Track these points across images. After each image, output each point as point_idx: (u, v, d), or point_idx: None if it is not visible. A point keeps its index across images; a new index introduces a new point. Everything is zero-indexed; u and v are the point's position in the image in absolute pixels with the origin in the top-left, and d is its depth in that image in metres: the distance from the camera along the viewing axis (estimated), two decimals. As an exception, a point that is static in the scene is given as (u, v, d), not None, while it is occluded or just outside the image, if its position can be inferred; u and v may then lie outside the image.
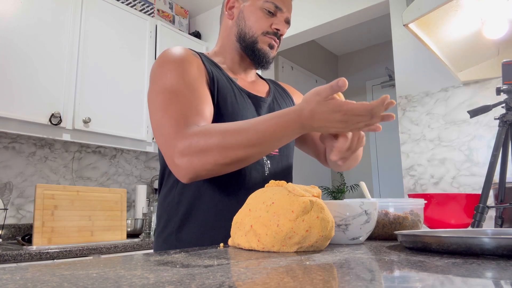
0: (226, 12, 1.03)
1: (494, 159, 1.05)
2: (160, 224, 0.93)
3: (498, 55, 1.52)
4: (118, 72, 2.32)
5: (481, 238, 0.48)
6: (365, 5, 2.21)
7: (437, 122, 1.84)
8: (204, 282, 0.33)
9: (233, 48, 1.01)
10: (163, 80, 0.83)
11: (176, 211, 0.90)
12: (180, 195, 0.90)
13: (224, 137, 0.73)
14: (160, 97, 0.81)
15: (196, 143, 0.73)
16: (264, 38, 0.98)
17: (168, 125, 0.76)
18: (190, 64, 0.87)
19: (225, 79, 0.94)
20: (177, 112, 0.78)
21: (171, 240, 0.89)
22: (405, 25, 1.20)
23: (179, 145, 0.74)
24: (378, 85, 3.95)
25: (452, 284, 0.34)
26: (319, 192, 0.61)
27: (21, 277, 0.36)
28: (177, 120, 0.76)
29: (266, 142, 0.73)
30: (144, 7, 2.73)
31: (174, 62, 0.86)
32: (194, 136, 0.74)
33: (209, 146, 0.73)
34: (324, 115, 0.70)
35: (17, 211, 2.14)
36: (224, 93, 0.91)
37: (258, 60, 1.00)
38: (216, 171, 0.75)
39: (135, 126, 2.37)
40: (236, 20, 1.01)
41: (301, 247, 0.57)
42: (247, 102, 0.96)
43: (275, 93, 1.09)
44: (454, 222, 1.13)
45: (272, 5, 0.98)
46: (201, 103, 0.82)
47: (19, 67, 1.88)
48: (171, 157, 0.75)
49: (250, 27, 0.98)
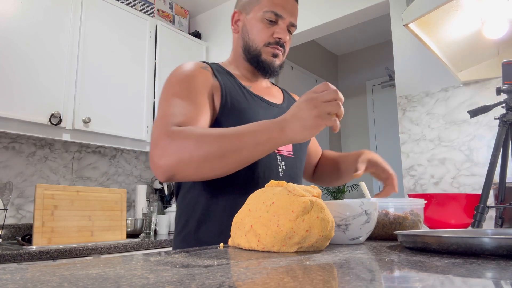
0: (232, 26, 1.08)
1: (494, 159, 1.05)
2: (179, 224, 0.97)
3: (498, 55, 1.52)
4: (118, 72, 2.32)
5: (481, 238, 0.48)
6: (365, 5, 2.21)
7: (437, 122, 1.84)
8: (204, 282, 0.33)
9: (242, 59, 1.05)
10: (168, 92, 0.89)
11: (193, 212, 0.93)
12: (197, 197, 0.93)
13: (201, 134, 0.76)
14: (161, 107, 0.87)
15: (175, 142, 0.76)
16: (267, 49, 1.01)
17: (159, 127, 0.80)
18: (195, 78, 0.92)
19: (237, 87, 0.98)
20: (170, 117, 0.82)
21: (189, 240, 0.92)
22: (405, 25, 1.20)
23: (160, 142, 0.77)
24: (378, 85, 3.95)
25: (452, 284, 0.34)
26: (319, 192, 0.61)
27: (21, 277, 0.36)
28: (166, 123, 0.80)
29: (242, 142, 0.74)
30: (144, 7, 2.73)
31: (181, 76, 0.92)
32: (175, 135, 0.76)
33: (185, 142, 0.75)
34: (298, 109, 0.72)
35: (17, 211, 2.14)
36: (236, 99, 0.94)
37: (264, 70, 1.03)
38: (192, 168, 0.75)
39: (135, 126, 2.37)
40: (241, 34, 1.05)
41: (301, 247, 0.57)
42: (261, 107, 0.99)
43: (288, 101, 1.13)
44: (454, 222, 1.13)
45: (272, 14, 0.99)
46: (196, 113, 0.85)
47: (19, 67, 1.88)
48: (153, 156, 0.78)
49: (253, 40, 1.01)
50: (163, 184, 2.82)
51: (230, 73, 1.01)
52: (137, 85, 2.42)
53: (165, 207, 2.75)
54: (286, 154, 0.99)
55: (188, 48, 2.82)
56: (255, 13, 1.01)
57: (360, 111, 4.04)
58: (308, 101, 0.71)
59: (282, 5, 0.99)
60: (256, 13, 1.00)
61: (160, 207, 2.77)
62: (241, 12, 1.05)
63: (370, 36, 3.89)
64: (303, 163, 1.08)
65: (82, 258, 1.67)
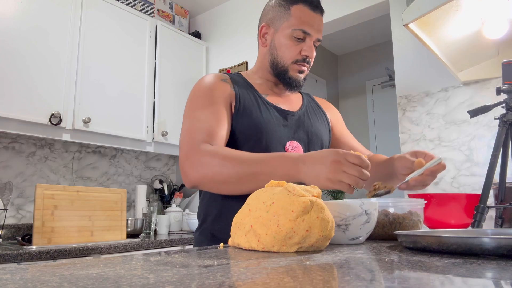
0: (260, 40, 1.11)
1: (494, 159, 1.05)
2: (199, 220, 1.08)
3: (498, 55, 1.52)
4: (118, 72, 2.32)
5: (481, 238, 0.48)
6: (365, 5, 2.21)
7: (437, 122, 1.84)
8: (204, 282, 0.33)
9: (268, 71, 1.11)
10: (192, 106, 1.00)
11: (211, 210, 1.03)
12: (214, 196, 1.02)
13: (224, 158, 0.87)
14: (187, 119, 0.98)
15: (203, 159, 0.88)
16: (294, 66, 1.05)
17: (187, 142, 0.93)
18: (216, 90, 1.01)
19: (252, 97, 1.05)
20: (196, 133, 0.93)
21: (207, 233, 1.03)
22: (405, 25, 1.20)
23: (191, 158, 0.90)
24: (378, 85, 3.95)
25: (452, 284, 0.34)
26: (319, 192, 0.61)
27: (21, 277, 0.36)
28: (194, 138, 0.92)
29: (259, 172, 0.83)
30: (144, 7, 2.73)
31: (203, 90, 1.02)
32: (203, 153, 0.89)
33: (211, 163, 0.87)
34: (321, 161, 0.77)
35: (17, 211, 2.14)
36: (249, 109, 1.01)
37: (290, 86, 1.09)
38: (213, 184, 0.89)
39: (135, 126, 2.37)
40: (269, 49, 1.09)
41: (301, 247, 0.57)
42: (274, 115, 1.04)
43: (308, 106, 1.16)
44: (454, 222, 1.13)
45: (301, 32, 1.02)
46: (217, 125, 0.95)
47: (19, 67, 1.88)
48: (183, 165, 0.91)
49: (281, 57, 1.06)
50: (163, 184, 2.82)
51: (249, 83, 1.08)
52: (137, 85, 2.42)
53: (165, 207, 2.75)
54: None
55: (188, 48, 2.82)
56: (284, 30, 1.04)
57: (360, 111, 4.04)
58: (333, 163, 0.75)
59: (310, 23, 1.03)
60: (284, 30, 1.04)
61: (160, 207, 2.76)
62: (269, 26, 1.08)
63: (370, 36, 3.89)
64: None
65: (82, 258, 1.67)
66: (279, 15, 1.05)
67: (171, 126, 2.57)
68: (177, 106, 2.63)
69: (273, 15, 1.07)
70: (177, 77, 2.69)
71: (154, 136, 2.46)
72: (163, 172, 2.98)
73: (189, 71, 2.80)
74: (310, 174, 0.78)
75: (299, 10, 1.02)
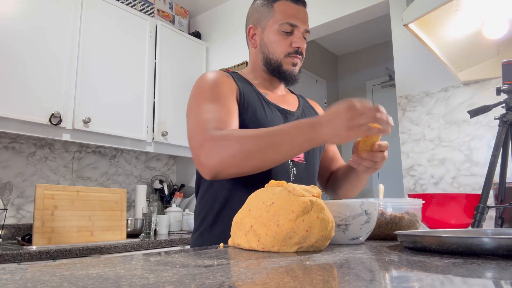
0: (250, 41, 1.12)
1: (494, 159, 1.05)
2: (197, 221, 1.04)
3: (498, 55, 1.52)
4: (118, 72, 2.32)
5: (481, 238, 0.48)
6: (365, 5, 2.21)
7: (437, 122, 1.84)
8: (204, 282, 0.33)
9: (262, 70, 1.11)
10: (199, 99, 0.97)
11: (211, 210, 1.00)
12: (214, 196, 1.00)
13: (240, 136, 0.84)
14: (193, 113, 0.94)
15: (219, 143, 0.84)
16: (287, 59, 1.06)
17: (199, 131, 0.89)
18: (223, 84, 0.99)
19: (255, 94, 1.04)
20: (207, 123, 0.89)
21: (206, 235, 1.00)
22: (405, 25, 1.20)
23: (205, 145, 0.85)
24: (378, 85, 3.95)
25: (452, 284, 0.34)
26: (319, 192, 0.61)
27: (21, 277, 0.36)
28: (205, 127, 0.88)
29: (279, 141, 0.80)
30: (144, 7, 2.73)
31: (209, 83, 0.99)
32: (218, 138, 0.85)
33: (227, 144, 0.83)
34: (336, 115, 0.75)
35: (17, 211, 2.14)
36: (254, 106, 1.00)
37: (285, 80, 1.09)
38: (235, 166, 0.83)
39: (135, 126, 2.36)
40: (259, 48, 1.09)
41: (301, 247, 0.57)
42: (276, 115, 1.04)
43: (304, 107, 1.17)
44: (454, 222, 1.13)
45: (288, 25, 1.04)
46: (228, 116, 0.93)
47: (19, 67, 1.88)
48: (197, 156, 0.86)
49: (273, 53, 1.06)
50: (163, 184, 2.82)
51: (249, 81, 1.08)
52: (137, 85, 2.42)
53: (165, 207, 2.75)
54: (297, 160, 1.03)
55: (188, 48, 2.82)
56: (271, 26, 1.05)
57: (360, 111, 4.03)
58: (347, 111, 0.74)
59: (295, 15, 1.04)
60: (272, 27, 1.05)
61: (160, 207, 2.76)
62: (256, 27, 1.10)
63: (370, 36, 3.89)
64: (316, 168, 1.10)
65: (82, 258, 1.67)
66: (264, 14, 1.07)
67: (171, 126, 2.57)
68: (177, 106, 2.63)
69: (258, 16, 1.09)
70: (177, 77, 2.69)
71: (154, 136, 2.46)
72: (163, 172, 2.98)
73: (189, 71, 2.80)
74: (330, 131, 0.76)
75: (282, 5, 1.05)
